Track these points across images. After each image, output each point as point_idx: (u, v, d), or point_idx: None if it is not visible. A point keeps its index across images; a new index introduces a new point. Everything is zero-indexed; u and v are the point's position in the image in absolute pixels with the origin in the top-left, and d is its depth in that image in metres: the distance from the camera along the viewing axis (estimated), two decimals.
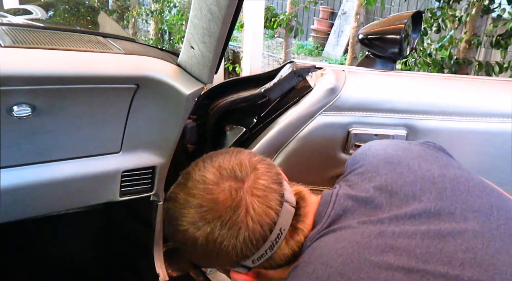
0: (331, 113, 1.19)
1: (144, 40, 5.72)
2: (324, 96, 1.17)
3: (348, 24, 6.97)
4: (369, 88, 1.21)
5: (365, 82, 1.23)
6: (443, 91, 1.19)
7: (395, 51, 1.28)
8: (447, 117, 1.16)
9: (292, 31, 4.03)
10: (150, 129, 1.20)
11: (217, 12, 0.95)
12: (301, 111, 1.19)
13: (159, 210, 1.35)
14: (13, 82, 0.94)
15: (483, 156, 1.18)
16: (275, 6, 5.88)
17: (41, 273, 1.48)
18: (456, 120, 1.15)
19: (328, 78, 1.18)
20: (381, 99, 1.18)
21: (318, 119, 1.19)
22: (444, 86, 1.22)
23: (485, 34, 2.63)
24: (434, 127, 1.17)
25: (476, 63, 2.64)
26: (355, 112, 1.19)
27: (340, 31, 7.41)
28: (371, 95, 1.19)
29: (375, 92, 1.20)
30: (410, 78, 1.27)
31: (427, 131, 1.17)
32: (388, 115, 1.18)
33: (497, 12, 2.56)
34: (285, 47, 4.24)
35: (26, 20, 1.46)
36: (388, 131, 1.19)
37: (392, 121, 1.19)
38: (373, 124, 1.20)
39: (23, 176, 1.07)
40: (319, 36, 7.86)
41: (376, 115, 1.18)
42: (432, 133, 1.17)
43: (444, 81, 1.24)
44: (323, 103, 1.18)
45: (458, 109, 1.15)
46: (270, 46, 7.75)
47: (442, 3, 2.69)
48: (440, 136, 1.17)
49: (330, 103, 1.18)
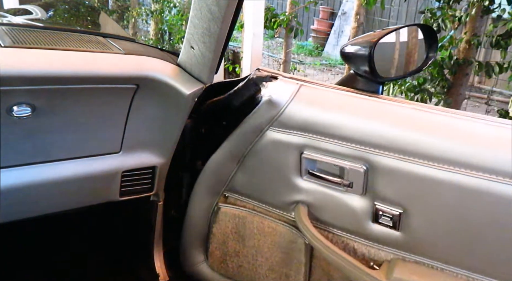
0: (280, 130, 1.08)
1: (144, 40, 5.71)
2: (266, 109, 1.09)
3: (348, 24, 6.97)
4: (320, 107, 1.04)
5: (316, 100, 1.07)
6: (409, 125, 0.94)
7: (366, 70, 1.03)
8: (410, 158, 0.91)
9: (292, 31, 4.02)
10: (150, 129, 1.20)
11: (217, 12, 0.95)
12: (250, 123, 1.13)
13: (159, 210, 1.35)
14: (13, 82, 0.94)
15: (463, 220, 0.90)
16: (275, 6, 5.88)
17: (41, 273, 1.48)
18: (424, 165, 0.90)
19: (272, 89, 1.10)
20: (331, 123, 1.01)
21: (268, 135, 1.10)
22: (412, 119, 0.95)
23: (485, 35, 2.63)
24: (397, 168, 0.94)
25: (476, 64, 2.64)
26: (305, 133, 1.05)
27: (340, 32, 7.41)
28: (321, 116, 1.02)
29: (326, 113, 1.03)
30: (378, 103, 1.02)
31: (388, 171, 0.95)
32: (341, 143, 1.00)
33: (497, 12, 2.55)
34: (285, 47, 4.23)
35: (26, 20, 1.45)
36: (343, 163, 1.01)
37: (348, 152, 0.99)
38: (328, 152, 1.03)
39: (23, 176, 1.07)
40: (319, 36, 7.86)
41: (328, 141, 1.02)
42: (395, 174, 0.94)
43: (417, 113, 0.96)
44: (267, 117, 1.09)
45: (424, 151, 0.90)
46: (270, 46, 7.75)
47: (442, 3, 2.69)
48: (405, 181, 0.94)
49: (274, 117, 1.08)
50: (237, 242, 1.28)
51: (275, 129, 1.09)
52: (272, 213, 1.19)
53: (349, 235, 1.07)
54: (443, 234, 0.92)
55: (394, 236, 0.99)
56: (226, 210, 1.27)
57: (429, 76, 2.72)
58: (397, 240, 0.99)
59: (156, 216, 1.36)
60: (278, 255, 1.20)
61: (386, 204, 0.98)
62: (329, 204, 1.07)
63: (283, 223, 1.17)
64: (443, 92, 2.74)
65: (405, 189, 0.95)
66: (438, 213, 0.92)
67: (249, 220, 1.23)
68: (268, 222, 1.20)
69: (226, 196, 1.27)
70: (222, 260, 1.33)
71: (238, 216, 1.25)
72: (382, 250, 1.02)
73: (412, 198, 0.95)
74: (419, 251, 0.97)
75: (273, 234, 1.19)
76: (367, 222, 1.02)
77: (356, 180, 1.01)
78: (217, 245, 1.32)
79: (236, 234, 1.27)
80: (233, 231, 1.28)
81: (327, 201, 1.08)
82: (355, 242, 1.06)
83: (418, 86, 2.72)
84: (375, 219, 1.01)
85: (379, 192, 0.99)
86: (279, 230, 1.18)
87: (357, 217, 1.03)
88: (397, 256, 1.00)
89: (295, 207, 1.13)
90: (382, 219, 0.99)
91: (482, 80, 5.70)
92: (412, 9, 5.60)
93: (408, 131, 0.93)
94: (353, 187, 1.02)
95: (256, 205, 1.22)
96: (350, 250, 1.07)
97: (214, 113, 1.25)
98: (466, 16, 2.56)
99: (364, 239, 1.04)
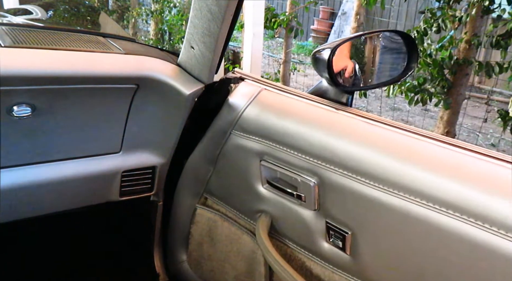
0: (241, 135, 1.06)
1: (144, 40, 5.72)
2: (227, 112, 1.09)
3: (348, 24, 6.97)
4: (277, 113, 1.00)
5: (274, 106, 1.03)
6: (364, 142, 0.87)
7: (327, 77, 0.96)
8: (358, 177, 0.85)
9: (292, 31, 4.03)
10: (150, 129, 1.20)
11: (217, 12, 0.95)
12: (217, 125, 1.13)
13: (159, 210, 1.35)
14: (13, 82, 0.94)
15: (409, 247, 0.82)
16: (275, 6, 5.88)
17: (41, 272, 1.48)
18: (370, 186, 0.83)
19: (235, 92, 1.09)
20: (286, 131, 0.96)
21: (232, 138, 1.09)
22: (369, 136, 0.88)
23: (485, 35, 2.63)
24: (345, 186, 0.88)
25: (476, 64, 2.64)
26: (263, 140, 1.01)
27: (340, 32, 7.41)
28: (277, 123, 0.98)
29: (282, 121, 0.98)
30: (337, 115, 0.95)
31: (337, 188, 0.89)
32: (293, 153, 0.95)
33: (497, 12, 2.55)
34: (285, 47, 4.23)
35: (26, 20, 1.46)
36: (297, 175, 0.96)
37: (301, 164, 0.94)
38: (284, 162, 0.98)
39: (23, 176, 1.07)
40: (319, 37, 7.86)
41: (282, 150, 0.97)
42: (344, 192, 0.88)
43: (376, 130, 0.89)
44: (229, 120, 1.08)
45: (372, 171, 0.83)
46: (270, 46, 7.75)
47: (442, 3, 2.69)
48: (352, 200, 0.87)
49: (234, 120, 1.06)
50: (210, 246, 1.26)
51: (237, 133, 1.08)
52: (240, 220, 1.16)
53: (305, 252, 1.01)
54: (387, 262, 0.86)
55: (344, 258, 0.93)
56: (202, 212, 1.25)
57: (429, 76, 2.72)
58: (348, 263, 0.92)
59: (156, 216, 1.36)
60: (243, 265, 1.17)
61: (336, 223, 0.92)
62: (288, 217, 1.02)
63: (248, 231, 1.13)
64: (443, 92, 2.74)
65: (352, 209, 0.88)
66: (382, 239, 0.85)
67: (220, 224, 1.21)
68: (234, 228, 1.17)
69: (206, 198, 1.25)
70: (198, 262, 1.32)
71: (211, 219, 1.23)
72: (335, 273, 0.96)
73: (358, 220, 0.88)
74: (370, 278, 0.89)
75: (238, 241, 1.16)
76: (321, 240, 0.96)
77: (307, 194, 0.95)
78: (194, 246, 1.31)
79: (209, 237, 1.25)
80: (207, 234, 1.26)
81: (286, 214, 1.02)
82: (311, 261, 1.00)
83: (418, 86, 2.72)
84: (328, 238, 0.95)
85: (329, 210, 0.93)
86: (243, 238, 1.15)
87: (312, 234, 0.98)
88: None
89: (259, 217, 1.08)
90: (334, 239, 0.93)
91: (482, 80, 5.70)
92: (412, 9, 5.60)
93: (359, 148, 0.87)
94: (306, 201, 0.96)
95: (228, 209, 1.19)
96: (307, 269, 1.01)
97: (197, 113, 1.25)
98: (466, 16, 2.56)
99: (319, 258, 0.99)
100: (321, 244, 0.97)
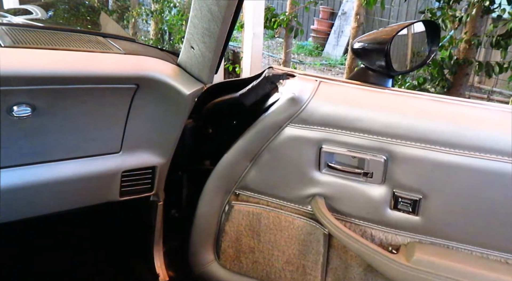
0: (299, 126, 1.11)
1: (144, 40, 5.72)
2: (287, 107, 1.11)
3: (348, 24, 6.97)
4: (340, 102, 1.09)
5: (336, 96, 1.11)
6: (427, 115, 1.01)
7: (382, 65, 1.09)
8: (430, 146, 0.98)
9: (292, 31, 4.02)
10: (150, 129, 1.20)
11: (217, 12, 0.95)
12: (268, 120, 1.14)
13: (159, 210, 1.35)
14: (13, 82, 0.94)
15: (479, 200, 0.97)
16: (275, 6, 5.87)
17: (41, 273, 1.48)
18: (443, 152, 0.97)
19: (292, 87, 1.12)
20: (352, 116, 1.05)
21: (287, 131, 1.13)
22: (429, 110, 1.02)
23: (485, 35, 2.63)
24: (417, 156, 1.00)
25: (476, 64, 2.64)
26: (325, 128, 1.09)
27: (340, 32, 7.41)
28: (342, 111, 1.07)
29: (347, 108, 1.07)
30: (394, 96, 1.09)
31: (408, 159, 1.01)
32: (362, 135, 1.05)
33: (497, 12, 2.55)
34: (285, 47, 4.23)
35: (26, 20, 1.45)
36: (363, 154, 1.06)
37: (368, 143, 1.05)
38: (347, 144, 1.07)
39: (23, 176, 1.07)
40: (319, 36, 7.86)
41: (348, 134, 1.06)
42: (415, 162, 1.01)
43: (432, 104, 1.04)
44: (288, 114, 1.11)
45: (444, 138, 0.96)
46: (270, 46, 7.75)
47: (442, 3, 2.69)
48: (425, 168, 1.00)
49: (295, 114, 1.10)
50: (252, 239, 1.29)
51: (294, 126, 1.12)
52: (287, 207, 1.22)
53: (366, 223, 1.12)
54: (460, 215, 0.99)
55: (412, 220, 1.05)
56: (240, 207, 1.28)
57: (429, 76, 2.72)
58: (415, 224, 1.05)
59: (156, 216, 1.36)
60: (296, 248, 1.23)
61: (406, 191, 1.04)
62: (347, 195, 1.12)
63: (300, 216, 1.21)
64: (443, 92, 2.74)
65: (424, 176, 1.00)
66: (455, 196, 0.98)
67: (265, 216, 1.25)
68: (284, 216, 1.23)
69: (237, 193, 1.28)
70: (235, 257, 1.34)
71: (252, 213, 1.27)
72: (399, 234, 1.08)
73: (431, 184, 1.00)
74: (435, 233, 1.03)
75: (290, 227, 1.23)
76: (385, 209, 1.08)
77: (376, 170, 1.06)
78: (229, 243, 1.33)
79: (250, 230, 1.29)
80: (247, 228, 1.29)
81: (345, 192, 1.12)
82: (372, 229, 1.11)
83: (418, 86, 2.72)
84: (394, 206, 1.06)
85: (399, 180, 1.04)
86: (296, 223, 1.21)
87: (375, 205, 1.09)
88: (413, 240, 1.06)
89: (311, 200, 1.17)
90: (401, 205, 1.05)
91: (482, 80, 5.70)
92: (412, 9, 5.60)
93: (424, 120, 0.99)
94: (372, 176, 1.07)
95: (270, 200, 1.24)
96: (367, 237, 1.12)
97: (221, 113, 1.26)
98: (466, 16, 2.56)
99: (381, 225, 1.10)
100: (385, 212, 1.08)
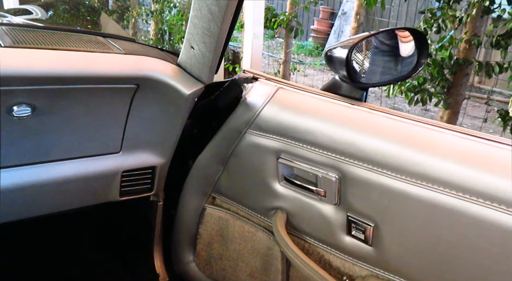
0: (257, 134, 1.07)
1: (144, 40, 5.72)
2: (243, 111, 1.09)
3: (348, 24, 6.97)
4: (294, 111, 1.02)
5: (292, 104, 1.04)
6: (382, 135, 0.89)
7: (345, 75, 0.98)
8: (382, 171, 0.86)
9: (292, 31, 4.02)
10: (150, 129, 1.20)
11: (217, 12, 0.95)
12: (230, 125, 1.13)
13: (159, 210, 1.35)
14: (13, 82, 0.94)
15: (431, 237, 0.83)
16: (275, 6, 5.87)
17: (41, 273, 1.48)
18: (393, 178, 0.85)
19: (250, 91, 1.10)
20: (304, 128, 0.98)
21: (247, 138, 1.09)
22: (386, 130, 0.90)
23: (485, 35, 2.63)
24: (369, 180, 0.89)
25: (476, 64, 2.64)
26: (281, 138, 1.02)
27: (340, 32, 7.41)
28: (295, 120, 1.00)
29: (299, 117, 1.00)
30: (354, 110, 0.97)
31: (360, 182, 0.91)
32: (312, 149, 0.97)
33: (497, 12, 2.55)
34: (285, 47, 4.23)
35: (26, 20, 1.45)
36: (317, 170, 0.97)
37: (319, 159, 0.96)
38: (302, 158, 0.99)
39: (23, 176, 1.07)
40: (319, 37, 7.86)
41: (301, 147, 0.99)
42: (366, 186, 0.90)
43: (391, 123, 0.91)
44: (244, 119, 1.08)
45: (394, 163, 0.85)
46: (270, 46, 7.75)
47: (442, 3, 2.69)
48: (376, 193, 0.89)
49: (251, 120, 1.07)
50: (221, 245, 1.26)
51: (252, 132, 1.08)
52: (253, 218, 1.17)
53: (324, 246, 1.03)
54: (415, 252, 0.87)
55: (366, 250, 0.94)
56: (212, 211, 1.26)
57: (429, 76, 2.72)
58: (370, 255, 0.94)
59: (156, 216, 1.36)
60: (258, 261, 1.18)
61: (359, 216, 0.93)
62: (306, 212, 1.04)
63: (263, 228, 1.15)
64: (443, 92, 2.74)
65: (376, 202, 0.89)
66: (409, 230, 0.86)
67: (231, 223, 1.22)
68: (248, 226, 1.18)
69: (214, 197, 1.26)
70: (208, 261, 1.32)
71: (222, 219, 1.24)
72: (356, 265, 0.97)
73: (383, 212, 0.89)
74: (392, 269, 0.91)
75: (252, 239, 1.18)
76: (341, 234, 0.98)
77: (329, 189, 0.97)
78: (203, 246, 1.31)
79: (220, 236, 1.26)
80: (217, 234, 1.26)
81: (304, 209, 1.04)
82: (330, 254, 1.02)
83: (418, 86, 2.72)
84: (348, 231, 0.96)
85: (351, 203, 0.94)
86: (258, 236, 1.16)
87: (331, 228, 0.99)
88: (371, 273, 0.95)
89: (274, 213, 1.09)
90: (355, 232, 0.95)
91: (482, 80, 5.70)
92: (412, 9, 5.60)
93: (382, 142, 0.88)
94: (326, 196, 0.98)
95: (240, 208, 1.20)
96: (326, 262, 1.03)
97: (204, 114, 1.25)
98: (467, 17, 2.56)
99: (339, 251, 1.00)
100: (341, 237, 0.98)
